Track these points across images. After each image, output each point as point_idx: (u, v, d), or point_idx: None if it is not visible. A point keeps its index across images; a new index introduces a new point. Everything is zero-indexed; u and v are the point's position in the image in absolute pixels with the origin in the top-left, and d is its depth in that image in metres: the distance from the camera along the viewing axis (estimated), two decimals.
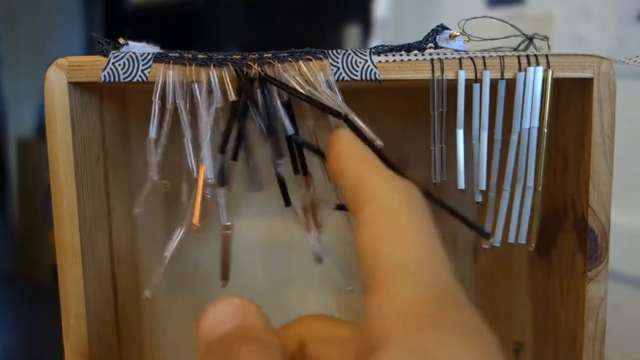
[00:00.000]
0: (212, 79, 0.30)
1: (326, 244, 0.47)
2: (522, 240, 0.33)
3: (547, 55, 0.31)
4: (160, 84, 0.30)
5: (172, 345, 0.50)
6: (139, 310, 0.42)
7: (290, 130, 0.29)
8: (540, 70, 0.31)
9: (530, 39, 0.34)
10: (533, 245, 0.33)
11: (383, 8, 1.25)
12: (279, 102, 0.30)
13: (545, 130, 0.31)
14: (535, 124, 0.31)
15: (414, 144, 0.45)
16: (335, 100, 0.29)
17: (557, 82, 0.31)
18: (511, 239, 0.33)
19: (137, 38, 0.34)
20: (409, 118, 0.45)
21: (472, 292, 0.50)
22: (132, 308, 0.41)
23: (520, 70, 0.31)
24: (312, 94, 0.29)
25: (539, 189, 0.32)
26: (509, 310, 0.46)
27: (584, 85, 0.32)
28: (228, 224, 0.31)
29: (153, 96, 0.30)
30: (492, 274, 0.49)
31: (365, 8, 1.25)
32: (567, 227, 0.35)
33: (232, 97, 0.30)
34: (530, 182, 0.32)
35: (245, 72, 0.30)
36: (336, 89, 0.30)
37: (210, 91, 0.30)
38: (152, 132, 0.31)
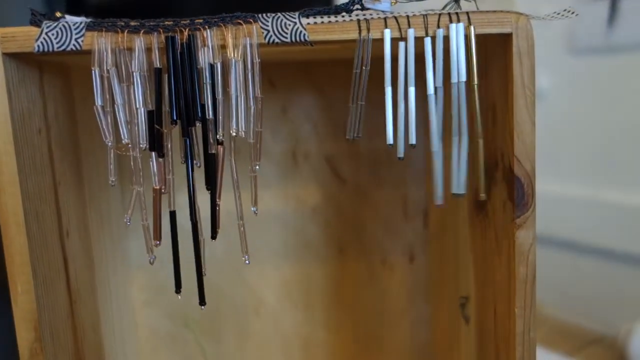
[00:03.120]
0: (137, 45, 0.31)
1: (286, 216, 0.48)
2: (461, 190, 0.34)
3: (467, 13, 0.32)
4: (97, 52, 0.31)
5: (129, 312, 0.51)
6: (92, 282, 0.43)
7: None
8: (461, 26, 0.32)
9: (456, 0, 0.36)
10: (484, 195, 0.35)
11: None
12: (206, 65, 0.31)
13: (475, 84, 0.32)
14: (463, 78, 0.32)
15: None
16: None
17: (482, 39, 0.33)
18: (453, 189, 0.34)
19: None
20: None
21: (423, 253, 0.52)
22: (86, 278, 0.41)
23: (438, 27, 0.32)
24: None
25: (479, 140, 0.33)
26: (455, 268, 0.48)
27: (505, 41, 0.33)
28: (156, 187, 0.33)
29: (91, 64, 0.31)
30: (440, 236, 0.51)
31: None
32: (498, 179, 0.37)
33: (157, 64, 0.31)
34: (465, 134, 0.33)
35: (173, 38, 0.31)
36: (256, 54, 0.31)
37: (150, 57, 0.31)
38: (98, 100, 0.32)
